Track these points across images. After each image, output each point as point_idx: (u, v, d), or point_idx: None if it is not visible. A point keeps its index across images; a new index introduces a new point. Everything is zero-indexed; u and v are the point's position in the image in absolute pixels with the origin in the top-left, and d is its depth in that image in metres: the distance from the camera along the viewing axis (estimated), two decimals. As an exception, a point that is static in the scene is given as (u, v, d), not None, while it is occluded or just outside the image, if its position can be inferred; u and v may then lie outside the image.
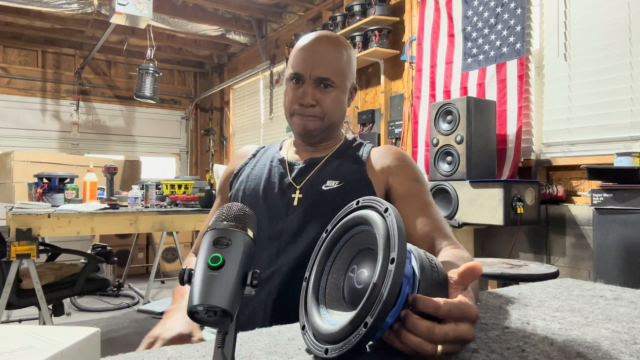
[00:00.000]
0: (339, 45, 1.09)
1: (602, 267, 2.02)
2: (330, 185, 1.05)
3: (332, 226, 0.66)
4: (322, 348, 0.54)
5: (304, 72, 1.05)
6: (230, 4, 4.98)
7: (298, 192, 1.06)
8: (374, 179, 1.05)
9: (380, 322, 0.49)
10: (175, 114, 7.18)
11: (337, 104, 1.08)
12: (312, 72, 1.04)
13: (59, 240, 3.78)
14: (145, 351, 0.59)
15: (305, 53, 1.07)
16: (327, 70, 1.05)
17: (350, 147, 1.14)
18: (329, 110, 1.07)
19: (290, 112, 1.09)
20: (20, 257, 2.30)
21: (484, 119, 2.69)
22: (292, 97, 1.07)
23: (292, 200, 1.05)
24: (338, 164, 1.09)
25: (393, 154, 1.08)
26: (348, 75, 1.10)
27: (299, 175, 1.09)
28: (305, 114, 1.06)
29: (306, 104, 1.05)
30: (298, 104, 1.06)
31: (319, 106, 1.05)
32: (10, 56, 5.95)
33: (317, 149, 1.13)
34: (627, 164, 2.08)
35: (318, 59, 1.05)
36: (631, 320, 0.69)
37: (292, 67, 1.07)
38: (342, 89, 1.09)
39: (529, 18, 2.79)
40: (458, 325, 0.51)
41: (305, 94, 1.04)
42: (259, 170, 1.13)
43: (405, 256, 0.51)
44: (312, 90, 1.05)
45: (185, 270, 0.48)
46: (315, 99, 1.05)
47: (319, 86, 1.05)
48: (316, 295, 0.61)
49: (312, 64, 1.04)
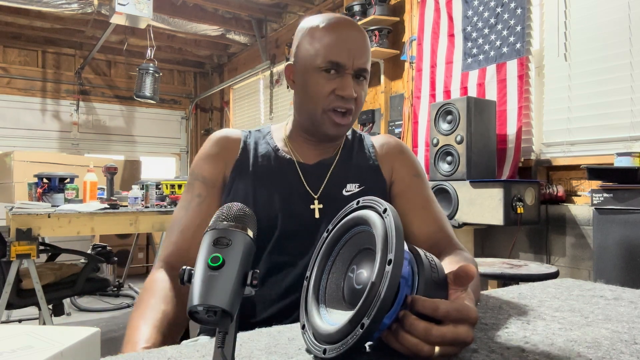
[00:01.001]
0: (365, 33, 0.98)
1: (602, 267, 2.02)
2: (351, 189, 0.97)
3: (332, 226, 0.66)
4: (321, 348, 0.54)
5: (346, 62, 0.92)
6: (230, 4, 4.98)
7: (317, 202, 0.95)
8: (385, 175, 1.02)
9: (377, 323, 0.49)
10: (175, 114, 7.18)
11: (365, 97, 0.99)
12: (355, 62, 0.92)
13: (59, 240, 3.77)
14: (145, 351, 0.59)
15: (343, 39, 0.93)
16: (366, 61, 0.95)
17: (353, 141, 1.07)
18: (361, 103, 0.97)
19: (324, 107, 0.94)
20: (20, 257, 2.30)
21: (484, 119, 2.69)
22: (329, 89, 0.92)
23: (312, 213, 0.95)
24: (352, 164, 1.02)
25: (394, 147, 1.05)
26: None
27: (314, 180, 0.98)
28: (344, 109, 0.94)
29: (350, 96, 0.92)
30: (337, 96, 0.92)
31: (353, 100, 0.94)
32: (10, 56, 5.95)
33: (324, 146, 1.02)
34: (627, 164, 2.07)
35: (358, 47, 0.93)
36: (631, 320, 0.69)
37: (328, 55, 0.92)
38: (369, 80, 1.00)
39: (529, 18, 2.79)
40: (457, 327, 0.50)
41: (348, 86, 0.92)
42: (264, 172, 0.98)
43: (402, 257, 0.51)
44: (352, 81, 0.93)
45: (185, 270, 0.48)
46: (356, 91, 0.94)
47: (356, 78, 0.94)
48: (316, 295, 0.61)
49: (354, 53, 0.92)
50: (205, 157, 1.00)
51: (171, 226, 0.94)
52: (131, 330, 0.75)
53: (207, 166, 0.98)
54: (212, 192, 0.97)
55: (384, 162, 1.03)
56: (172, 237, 0.93)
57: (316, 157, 1.01)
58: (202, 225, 0.90)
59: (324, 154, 1.02)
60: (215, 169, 0.98)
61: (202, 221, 0.92)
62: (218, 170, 0.98)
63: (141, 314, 0.77)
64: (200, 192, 0.96)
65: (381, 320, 0.49)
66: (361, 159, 1.03)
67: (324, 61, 0.92)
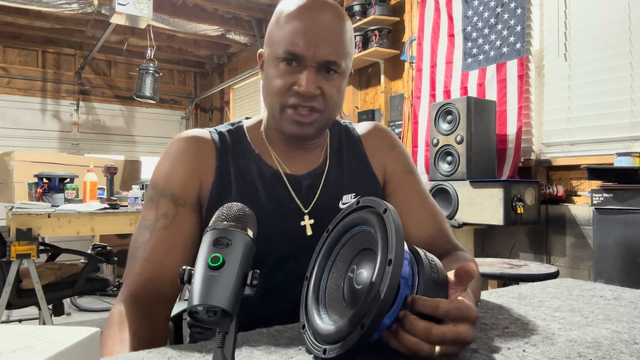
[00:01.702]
0: (343, 18, 0.83)
1: (602, 267, 2.02)
2: (347, 201, 0.88)
3: (332, 226, 0.66)
4: (321, 348, 0.54)
5: (304, 53, 0.78)
6: (230, 4, 4.98)
7: (308, 218, 0.86)
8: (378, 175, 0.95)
9: (377, 324, 0.49)
10: (175, 114, 7.18)
11: (340, 95, 0.85)
12: (317, 53, 0.79)
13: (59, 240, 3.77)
14: (145, 351, 0.59)
15: (306, 26, 0.79)
16: (334, 51, 0.80)
17: (340, 138, 0.97)
18: (332, 101, 0.83)
19: (282, 104, 0.82)
20: (20, 257, 2.30)
21: (484, 119, 2.69)
22: (285, 84, 0.80)
23: (303, 230, 0.85)
24: (345, 171, 0.92)
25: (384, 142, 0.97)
26: (351, 56, 0.86)
27: (304, 193, 0.87)
28: (303, 107, 0.81)
29: (308, 93, 0.79)
30: (294, 93, 0.80)
31: (321, 97, 0.81)
32: (10, 56, 5.95)
33: (309, 148, 0.92)
34: (627, 164, 2.08)
35: (324, 35, 0.79)
36: (631, 320, 0.69)
37: (286, 44, 0.79)
38: (345, 75, 0.85)
39: (529, 18, 2.79)
40: (457, 326, 0.50)
41: (308, 81, 0.78)
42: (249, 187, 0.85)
43: (402, 257, 0.51)
44: (315, 75, 0.80)
45: (185, 270, 0.48)
46: (319, 87, 0.80)
47: (321, 71, 0.81)
48: (316, 295, 0.61)
49: (317, 42, 0.79)
50: (174, 169, 0.83)
51: (133, 251, 0.80)
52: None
53: (176, 181, 0.82)
54: (183, 212, 0.81)
55: (375, 160, 0.96)
56: (137, 265, 0.78)
57: (305, 165, 0.90)
58: (171, 253, 0.78)
59: (313, 161, 0.91)
60: (187, 185, 0.83)
61: (170, 248, 0.79)
62: (190, 187, 0.83)
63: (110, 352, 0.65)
64: (168, 211, 0.81)
65: (381, 321, 0.50)
66: (354, 162, 0.94)
67: (282, 51, 0.80)
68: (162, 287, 0.77)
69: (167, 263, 0.78)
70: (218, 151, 0.87)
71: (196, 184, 0.84)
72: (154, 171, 0.87)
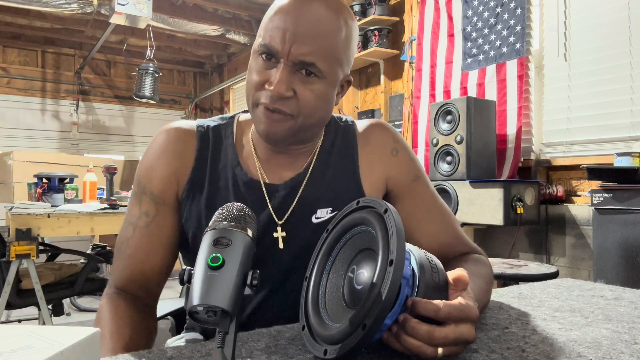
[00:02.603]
0: (338, 14, 0.74)
1: (602, 267, 2.02)
2: (321, 216, 0.82)
3: (332, 226, 0.66)
4: (321, 349, 0.54)
5: (279, 49, 0.71)
6: (230, 4, 4.98)
7: (280, 230, 0.81)
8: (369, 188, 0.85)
9: (379, 324, 0.49)
10: (175, 114, 7.18)
11: (321, 102, 0.76)
12: (293, 50, 0.71)
13: (58, 240, 3.77)
14: (145, 351, 0.59)
15: (286, 18, 0.72)
16: (313, 52, 0.71)
17: (333, 144, 0.87)
18: (307, 108, 0.74)
19: (254, 100, 0.76)
20: (20, 257, 2.30)
21: (484, 119, 2.69)
22: (259, 79, 0.74)
23: (275, 242, 0.80)
24: (326, 182, 0.84)
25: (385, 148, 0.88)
26: (343, 61, 0.77)
27: (279, 204, 0.82)
28: (272, 107, 0.73)
29: (276, 94, 0.72)
30: (264, 91, 0.73)
31: (294, 100, 0.73)
32: (10, 56, 5.95)
33: (293, 154, 0.84)
34: (627, 164, 2.08)
35: (303, 30, 0.71)
36: (631, 320, 0.69)
37: (264, 37, 0.73)
38: (331, 81, 0.76)
39: (529, 18, 2.79)
40: (458, 327, 0.51)
41: (279, 81, 0.71)
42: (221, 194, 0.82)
43: (404, 258, 0.51)
44: (288, 75, 0.72)
45: (185, 270, 0.48)
46: (292, 88, 0.73)
47: (299, 72, 0.73)
48: (316, 296, 0.61)
49: (295, 39, 0.71)
50: (154, 167, 0.83)
51: (119, 246, 0.82)
52: None
53: (155, 180, 0.82)
54: (162, 211, 0.82)
55: (372, 170, 0.86)
56: (122, 261, 0.81)
57: (285, 172, 0.84)
58: (152, 252, 0.80)
59: (295, 167, 0.84)
60: (165, 185, 0.82)
61: (151, 247, 0.80)
62: (169, 187, 0.82)
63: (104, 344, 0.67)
64: (148, 209, 0.81)
65: (382, 321, 0.49)
66: (339, 172, 0.85)
67: (260, 44, 0.74)
68: (146, 283, 0.81)
69: (150, 260, 0.81)
70: (198, 149, 0.84)
71: (174, 184, 0.83)
72: (139, 163, 0.87)
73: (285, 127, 0.75)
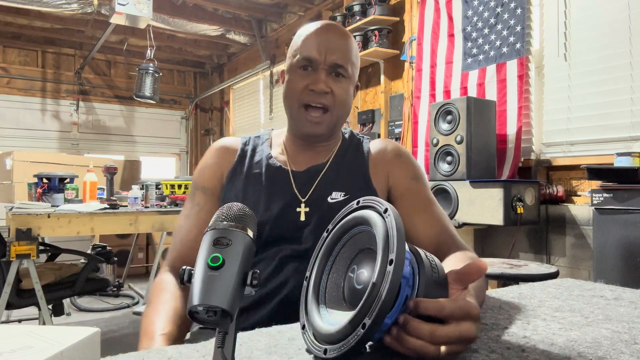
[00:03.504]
0: (349, 36, 1.03)
1: (602, 267, 2.02)
2: (336, 197, 0.99)
3: (332, 225, 0.66)
4: (322, 348, 0.54)
5: (317, 57, 0.97)
6: (230, 4, 4.98)
7: (304, 206, 0.98)
8: (377, 185, 1.01)
9: (379, 324, 0.49)
10: (175, 114, 7.18)
11: (347, 96, 1.01)
12: (327, 57, 0.97)
13: (59, 240, 3.77)
14: (145, 351, 0.59)
15: (318, 38, 0.99)
16: (341, 57, 0.98)
17: (350, 146, 1.08)
18: (340, 101, 0.99)
19: (299, 102, 0.98)
20: (20, 257, 2.30)
21: (484, 119, 2.69)
22: (303, 85, 0.97)
23: (298, 215, 0.98)
24: (341, 172, 1.03)
25: (390, 152, 1.05)
26: (356, 68, 1.03)
27: (302, 185, 1.01)
28: (316, 103, 0.97)
29: (320, 90, 0.96)
30: (309, 90, 0.97)
31: (330, 95, 0.97)
32: (10, 56, 5.95)
33: (317, 150, 1.05)
34: (627, 164, 2.08)
35: (332, 45, 0.98)
36: (631, 320, 0.69)
37: (302, 52, 0.98)
38: (352, 81, 1.02)
39: (529, 18, 2.79)
40: (460, 325, 0.51)
41: (319, 80, 0.96)
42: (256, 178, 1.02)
43: (404, 257, 0.51)
44: (326, 77, 0.97)
45: (185, 270, 0.48)
46: (329, 86, 0.97)
47: (331, 74, 0.98)
48: (316, 295, 0.61)
49: (327, 49, 0.97)
50: (205, 167, 1.06)
51: (175, 233, 1.01)
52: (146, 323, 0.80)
53: (206, 175, 1.04)
54: (211, 200, 1.01)
55: (378, 169, 1.03)
56: (176, 244, 0.99)
57: (308, 162, 1.04)
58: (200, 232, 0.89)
59: (316, 159, 1.04)
60: (214, 178, 1.03)
61: (200, 229, 0.94)
62: (216, 179, 1.03)
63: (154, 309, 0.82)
64: (200, 200, 1.02)
65: (383, 321, 0.49)
66: (353, 166, 1.04)
67: (300, 58, 0.98)
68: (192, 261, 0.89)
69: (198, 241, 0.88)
70: (239, 153, 1.06)
71: (219, 176, 1.03)
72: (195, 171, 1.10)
73: (325, 122, 0.99)
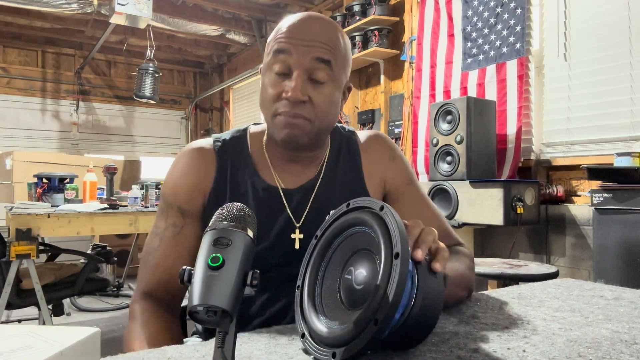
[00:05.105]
0: (336, 29, 0.86)
1: (602, 267, 2.02)
2: None
3: (321, 232, 0.65)
4: (329, 352, 0.53)
5: (293, 54, 0.81)
6: (230, 4, 4.98)
7: (298, 232, 0.87)
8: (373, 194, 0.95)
9: (391, 318, 0.49)
10: (175, 114, 7.18)
11: (331, 104, 0.85)
12: (305, 55, 0.81)
13: (58, 240, 3.77)
14: (145, 351, 0.59)
15: (295, 31, 0.82)
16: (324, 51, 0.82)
17: (340, 150, 0.97)
18: (321, 112, 0.83)
19: (273, 111, 0.83)
20: (20, 257, 2.30)
21: (484, 119, 2.69)
22: (276, 92, 0.82)
23: (292, 243, 0.87)
24: (336, 185, 0.93)
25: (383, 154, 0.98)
26: (345, 67, 0.88)
27: (296, 206, 0.89)
28: (291, 114, 0.81)
29: (295, 99, 0.80)
30: (283, 100, 0.82)
31: (309, 104, 0.82)
32: (10, 56, 5.95)
33: (305, 162, 0.92)
34: (627, 164, 2.08)
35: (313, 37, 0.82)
36: (631, 320, 0.69)
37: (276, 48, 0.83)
38: (337, 85, 0.86)
39: (529, 18, 2.79)
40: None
41: (295, 88, 0.80)
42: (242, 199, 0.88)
43: (408, 250, 0.52)
44: (303, 83, 0.81)
45: (185, 270, 0.48)
46: (306, 93, 0.81)
47: (311, 79, 0.82)
48: (312, 302, 0.60)
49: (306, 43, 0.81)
50: (181, 184, 0.90)
51: (145, 256, 0.88)
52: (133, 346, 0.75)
53: (183, 195, 0.88)
54: (189, 222, 0.88)
55: (373, 174, 0.96)
56: (148, 269, 0.86)
57: (299, 178, 0.91)
58: (178, 259, 0.86)
59: (307, 174, 0.92)
60: (192, 198, 0.88)
61: (178, 255, 0.86)
62: (196, 199, 0.89)
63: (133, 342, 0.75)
64: (176, 221, 0.88)
65: (394, 314, 0.50)
66: (347, 175, 0.94)
67: (271, 58, 0.83)
68: (171, 288, 0.86)
69: (176, 266, 0.85)
70: (218, 161, 0.91)
71: (200, 196, 0.89)
72: (164, 182, 0.94)
73: (305, 131, 0.83)
